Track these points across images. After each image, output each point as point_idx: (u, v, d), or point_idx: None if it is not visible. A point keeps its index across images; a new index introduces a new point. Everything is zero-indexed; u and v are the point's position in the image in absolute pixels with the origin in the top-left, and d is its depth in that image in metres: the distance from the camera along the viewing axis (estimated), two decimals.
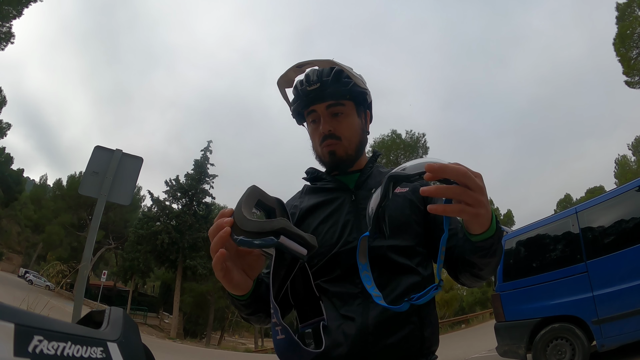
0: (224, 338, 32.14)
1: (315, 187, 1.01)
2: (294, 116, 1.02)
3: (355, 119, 0.97)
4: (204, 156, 27.03)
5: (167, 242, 23.42)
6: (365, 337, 0.78)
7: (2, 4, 14.87)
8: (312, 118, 0.97)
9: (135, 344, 0.41)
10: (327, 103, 0.93)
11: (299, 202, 1.00)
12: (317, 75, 0.93)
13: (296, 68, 0.96)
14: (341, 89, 0.92)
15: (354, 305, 0.82)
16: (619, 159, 32.89)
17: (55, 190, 32.66)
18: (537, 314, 4.61)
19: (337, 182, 0.97)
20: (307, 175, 1.04)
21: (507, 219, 30.95)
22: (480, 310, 26.97)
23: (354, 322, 0.79)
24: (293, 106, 0.98)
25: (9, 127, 26.35)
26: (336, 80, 0.92)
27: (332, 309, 0.83)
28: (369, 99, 0.99)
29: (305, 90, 0.93)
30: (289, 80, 0.97)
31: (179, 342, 21.57)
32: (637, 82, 16.42)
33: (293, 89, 0.98)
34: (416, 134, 26.87)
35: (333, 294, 0.85)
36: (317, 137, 0.96)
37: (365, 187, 0.94)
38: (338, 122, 0.94)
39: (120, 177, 3.24)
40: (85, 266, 3.06)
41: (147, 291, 42.27)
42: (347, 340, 0.79)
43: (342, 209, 0.92)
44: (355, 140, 0.97)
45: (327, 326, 0.79)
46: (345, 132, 0.94)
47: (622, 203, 4.27)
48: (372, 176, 0.98)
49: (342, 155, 0.95)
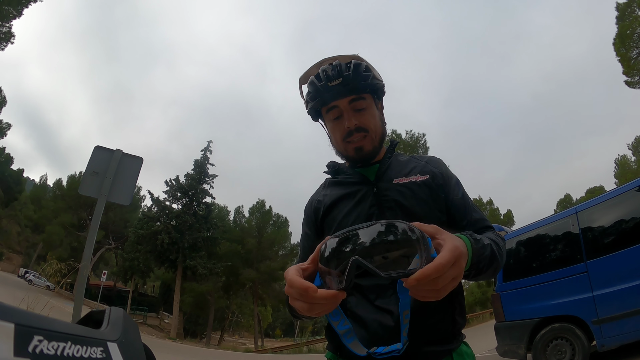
0: (224, 338, 32.12)
1: (337, 180, 1.02)
2: (309, 113, 1.01)
3: (375, 111, 0.97)
4: (204, 156, 27.03)
5: (167, 242, 23.40)
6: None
7: (2, 4, 14.85)
8: (334, 114, 0.95)
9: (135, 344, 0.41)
10: (349, 98, 0.92)
11: (322, 196, 1.01)
12: (337, 70, 0.91)
13: (320, 64, 0.97)
14: (362, 83, 0.91)
15: (387, 297, 0.83)
16: (619, 159, 32.87)
17: (55, 190, 32.64)
18: (537, 314, 4.61)
19: (358, 175, 0.98)
20: (329, 169, 1.05)
21: (507, 219, 30.91)
22: (480, 310, 26.96)
23: (391, 315, 0.81)
24: (312, 103, 0.96)
25: (9, 127, 26.37)
26: (356, 74, 0.91)
27: (365, 302, 0.85)
28: (384, 90, 0.99)
29: (326, 86, 0.91)
30: (310, 76, 0.97)
31: (179, 342, 21.54)
32: (637, 82, 16.41)
33: (309, 84, 0.97)
34: (416, 133, 26.89)
35: (365, 287, 0.86)
36: (339, 132, 0.95)
37: (386, 179, 0.94)
38: (362, 115, 0.93)
39: (120, 177, 3.24)
40: (85, 266, 3.06)
41: (147, 291, 42.27)
42: (386, 332, 0.81)
43: (365, 201, 0.92)
44: (379, 132, 0.97)
45: (363, 318, 0.84)
46: (371, 125, 0.94)
47: (622, 203, 4.26)
48: (391, 167, 0.98)
49: (369, 149, 0.95)
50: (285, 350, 22.84)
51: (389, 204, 0.90)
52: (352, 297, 0.88)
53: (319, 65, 0.97)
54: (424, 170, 0.96)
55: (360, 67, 0.92)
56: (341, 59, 0.96)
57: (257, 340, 29.83)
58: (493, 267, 0.80)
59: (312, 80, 0.96)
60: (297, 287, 0.55)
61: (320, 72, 0.94)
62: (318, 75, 0.94)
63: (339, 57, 0.97)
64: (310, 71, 0.99)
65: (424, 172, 0.95)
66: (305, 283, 0.55)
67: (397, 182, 0.93)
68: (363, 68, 0.92)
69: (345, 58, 0.96)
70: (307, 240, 1.02)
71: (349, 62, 0.92)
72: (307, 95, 0.99)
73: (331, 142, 1.02)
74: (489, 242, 0.80)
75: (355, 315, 0.86)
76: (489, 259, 0.77)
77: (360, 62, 0.93)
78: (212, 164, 27.13)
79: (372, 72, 0.95)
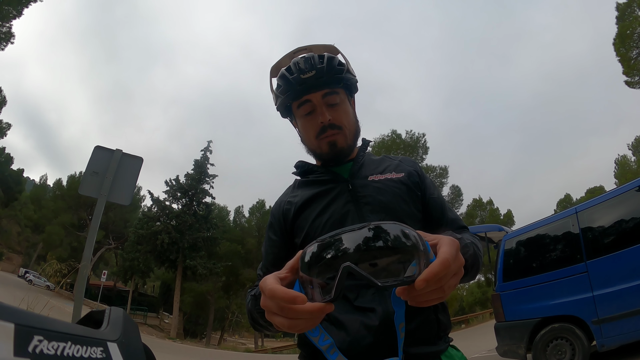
0: (224, 338, 32.13)
1: (307, 180, 0.95)
2: (279, 109, 0.95)
3: (349, 107, 0.93)
4: (204, 156, 27.04)
5: (167, 242, 23.41)
6: (390, 325, 0.73)
7: (2, 4, 14.86)
8: (306, 109, 0.89)
9: (135, 344, 0.41)
10: (323, 92, 0.87)
11: (292, 197, 0.94)
12: (310, 63, 0.86)
13: (293, 55, 0.91)
14: (336, 76, 0.87)
15: (368, 296, 0.77)
16: (619, 159, 32.87)
17: (55, 190, 32.66)
18: (537, 314, 4.61)
19: (331, 173, 0.93)
20: (297, 170, 0.99)
21: (507, 219, 30.91)
22: (480, 310, 26.99)
23: (375, 313, 0.75)
24: (282, 97, 0.90)
25: (9, 127, 26.36)
26: (330, 67, 0.86)
27: (343, 302, 0.79)
28: (357, 87, 0.95)
29: (298, 78, 0.86)
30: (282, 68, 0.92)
31: (179, 342, 21.54)
32: (637, 82, 16.42)
33: (279, 77, 0.91)
34: (416, 134, 26.91)
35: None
36: (312, 128, 0.90)
37: (360, 176, 0.90)
38: (335, 111, 0.89)
39: (120, 177, 3.24)
40: (85, 266, 3.06)
41: (147, 291, 42.26)
42: (371, 332, 0.75)
43: (340, 198, 0.87)
44: (353, 129, 0.93)
45: (343, 321, 0.77)
46: (345, 121, 0.90)
47: (622, 203, 4.26)
48: (365, 165, 0.94)
49: (343, 145, 0.90)
50: (285, 350, 22.83)
51: (366, 200, 0.86)
52: None
53: (292, 56, 0.92)
54: (398, 168, 0.94)
55: (334, 61, 0.88)
56: (315, 49, 0.91)
57: (257, 340, 29.84)
58: (475, 268, 0.78)
59: (282, 73, 0.90)
60: (281, 298, 0.46)
61: (292, 65, 0.88)
62: (289, 68, 0.88)
63: (313, 46, 0.92)
64: (282, 62, 0.93)
65: (399, 170, 0.93)
66: (292, 292, 0.46)
67: (373, 179, 0.90)
68: (337, 62, 0.88)
69: (319, 48, 0.91)
70: (272, 246, 0.93)
71: (322, 56, 0.88)
72: (277, 89, 0.92)
73: (302, 140, 0.96)
74: (470, 241, 0.79)
75: (332, 318, 0.79)
76: (472, 259, 0.76)
77: (333, 56, 0.89)
78: (212, 164, 27.18)
79: (347, 66, 0.90)
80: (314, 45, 0.93)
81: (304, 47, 0.93)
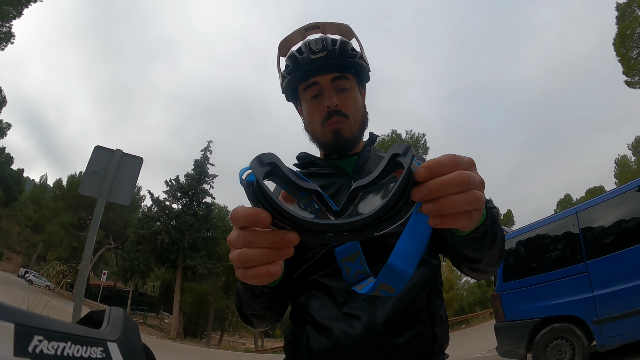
0: (224, 338, 32.14)
1: (308, 172, 0.90)
2: (284, 91, 0.90)
3: (358, 96, 0.87)
4: (204, 156, 27.05)
5: (167, 242, 23.41)
6: (374, 337, 0.69)
7: (2, 4, 14.86)
8: (313, 92, 0.84)
9: (135, 344, 0.41)
10: (332, 75, 0.82)
11: None
12: (322, 43, 0.81)
13: (304, 31, 0.85)
14: (348, 60, 0.82)
15: (358, 302, 0.72)
16: (619, 159, 32.89)
17: (55, 190, 32.65)
18: (537, 314, 4.61)
19: (333, 167, 0.88)
20: (299, 161, 0.94)
21: (507, 219, 30.95)
22: (480, 310, 27.00)
23: (359, 321, 0.70)
24: (289, 77, 0.84)
25: (9, 127, 26.37)
26: (343, 50, 0.81)
27: (332, 306, 0.74)
28: (369, 76, 0.90)
29: (308, 58, 0.81)
30: (292, 46, 0.87)
31: (179, 342, 21.56)
32: (637, 82, 16.43)
33: (288, 58, 0.86)
34: (416, 133, 26.92)
35: (335, 289, 0.74)
36: (318, 113, 0.84)
37: (364, 172, 0.85)
38: (344, 97, 0.83)
39: (120, 177, 3.25)
40: (85, 266, 3.06)
41: (147, 291, 42.25)
42: (350, 341, 0.69)
43: (340, 195, 0.82)
44: (359, 120, 0.87)
45: (326, 325, 0.73)
46: (352, 110, 0.85)
47: (622, 203, 4.27)
48: (371, 159, 0.89)
49: (347, 135, 0.85)
50: None
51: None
52: (314, 300, 0.76)
53: (302, 32, 0.86)
54: None
55: (347, 45, 0.83)
56: (328, 26, 0.85)
57: (257, 340, 29.86)
58: (498, 245, 0.64)
59: (292, 53, 0.85)
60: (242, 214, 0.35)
61: (302, 45, 0.84)
62: (300, 48, 0.84)
63: (326, 24, 0.85)
64: (291, 38, 0.87)
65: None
66: (255, 209, 0.35)
67: None
68: (350, 47, 0.84)
69: (332, 26, 0.86)
70: None
71: (335, 39, 0.84)
72: (285, 70, 0.87)
73: (305, 127, 0.91)
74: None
75: (316, 321, 0.74)
76: (497, 224, 0.63)
77: (347, 41, 0.84)
78: (212, 164, 27.17)
79: (360, 52, 0.85)
80: (327, 23, 0.86)
81: (316, 24, 0.86)
